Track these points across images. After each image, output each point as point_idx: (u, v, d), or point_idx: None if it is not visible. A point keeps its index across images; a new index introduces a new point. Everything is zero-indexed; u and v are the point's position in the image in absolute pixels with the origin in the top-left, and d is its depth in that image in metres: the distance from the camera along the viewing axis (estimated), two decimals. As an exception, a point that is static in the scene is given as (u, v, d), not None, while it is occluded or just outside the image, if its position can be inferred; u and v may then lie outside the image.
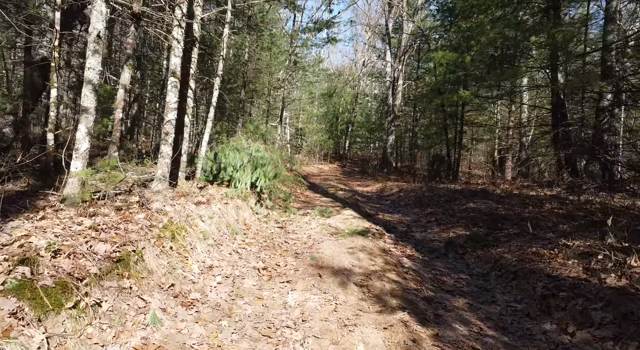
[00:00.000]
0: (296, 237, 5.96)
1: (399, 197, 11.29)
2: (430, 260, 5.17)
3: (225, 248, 4.67)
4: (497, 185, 12.77)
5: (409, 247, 5.76)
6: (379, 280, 3.97)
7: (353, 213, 8.13)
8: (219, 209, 5.48)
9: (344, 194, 11.80)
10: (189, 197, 5.49)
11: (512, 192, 10.15)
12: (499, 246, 5.14)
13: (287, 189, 11.16)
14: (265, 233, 5.97)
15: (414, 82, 24.93)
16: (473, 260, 5.03)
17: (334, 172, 22.25)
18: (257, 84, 16.78)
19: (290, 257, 4.82)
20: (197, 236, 4.37)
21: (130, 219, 3.79)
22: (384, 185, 14.43)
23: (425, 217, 8.12)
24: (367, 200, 11.13)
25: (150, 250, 3.38)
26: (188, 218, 4.50)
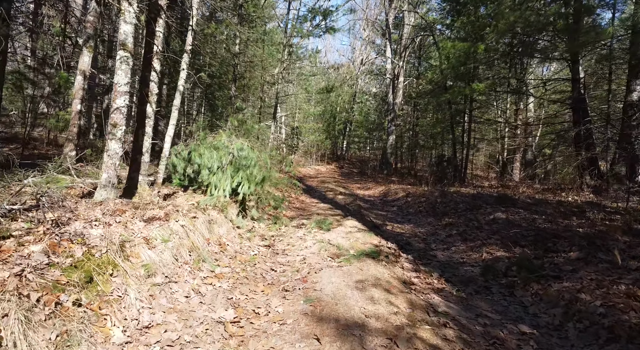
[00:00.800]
0: (286, 261, 4.49)
1: (407, 202, 9.84)
2: (469, 297, 3.72)
3: (181, 287, 3.19)
4: (513, 189, 11.36)
5: (435, 274, 4.31)
6: (410, 348, 2.52)
7: (357, 224, 6.68)
8: (183, 226, 4.00)
9: (344, 199, 10.35)
10: (141, 210, 4.01)
11: (535, 197, 8.73)
12: (563, 278, 3.70)
13: (280, 194, 9.69)
14: (246, 256, 4.50)
15: (415, 80, 23.54)
16: (530, 300, 3.58)
17: (332, 174, 20.79)
18: (250, 78, 15.31)
19: (276, 297, 3.36)
20: (136, 274, 2.90)
21: (9, 255, 2.31)
22: (387, 188, 12.99)
23: (444, 229, 6.67)
24: (371, 206, 9.68)
25: (21, 317, 1.90)
26: (124, 246, 3.02)
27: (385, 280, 3.78)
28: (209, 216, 4.78)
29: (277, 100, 13.19)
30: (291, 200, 9.64)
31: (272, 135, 13.35)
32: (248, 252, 4.63)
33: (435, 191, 10.27)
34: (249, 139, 8.12)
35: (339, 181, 16.04)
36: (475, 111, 15.40)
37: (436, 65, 17.78)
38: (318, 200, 10.11)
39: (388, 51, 21.79)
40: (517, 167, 17.99)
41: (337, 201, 9.80)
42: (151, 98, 5.08)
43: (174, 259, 3.49)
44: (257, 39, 14.68)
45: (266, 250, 4.88)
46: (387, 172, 21.51)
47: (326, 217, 7.25)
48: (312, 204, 9.49)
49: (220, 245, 4.48)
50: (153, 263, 3.15)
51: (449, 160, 15.46)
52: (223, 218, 5.11)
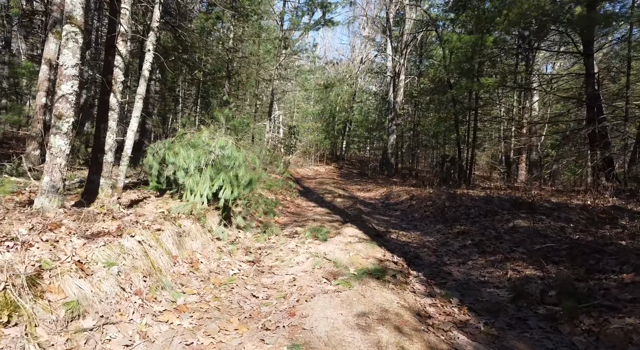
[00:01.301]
0: (272, 283, 3.65)
1: (411, 206, 9.00)
2: (502, 335, 2.87)
3: (121, 331, 2.35)
4: (524, 192, 10.53)
5: (454, 300, 3.47)
6: None
7: (357, 231, 5.84)
8: (140, 242, 3.16)
9: (344, 202, 9.51)
10: (87, 222, 3.17)
11: (551, 201, 7.90)
12: (623, 311, 2.86)
13: (274, 197, 8.85)
14: (222, 276, 3.66)
15: (417, 78, 22.73)
16: (584, 341, 2.73)
17: (331, 175, 19.96)
18: (245, 75, 14.48)
19: (253, 340, 2.52)
20: (50, 318, 2.06)
21: None
22: (388, 190, 12.15)
23: (456, 238, 5.82)
24: (372, 210, 8.84)
25: None
26: (40, 277, 2.18)
27: (395, 312, 2.94)
28: (180, 227, 3.94)
29: (272, 98, 12.38)
30: (286, 204, 8.80)
31: (268, 134, 12.52)
32: (226, 272, 3.78)
33: (441, 194, 9.43)
34: (239, 137, 7.30)
35: (338, 182, 15.21)
36: (480, 110, 14.58)
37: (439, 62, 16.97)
38: (315, 203, 9.27)
39: (389, 48, 20.97)
40: (523, 168, 17.16)
41: (335, 205, 8.96)
42: (115, 87, 4.24)
43: (120, 288, 2.64)
44: (252, 34, 13.86)
45: (249, 268, 4.04)
46: (388, 173, 20.68)
47: (323, 224, 6.42)
48: (308, 207, 8.65)
49: (192, 263, 3.64)
50: (84, 298, 2.31)
51: (453, 161, 14.63)
52: (199, 229, 4.27)
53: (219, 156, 4.92)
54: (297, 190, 11.41)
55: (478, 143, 17.67)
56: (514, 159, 16.43)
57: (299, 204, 9.26)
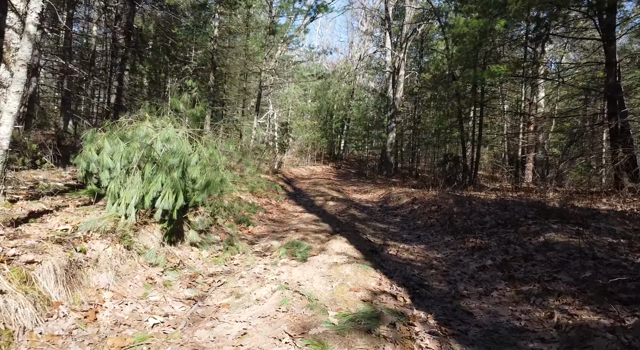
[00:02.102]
0: (210, 340, 2.39)
1: (413, 211, 7.73)
2: None
3: None
4: (539, 194, 9.27)
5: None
6: None
7: (347, 247, 4.59)
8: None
9: (336, 207, 8.25)
10: None
11: (576, 205, 6.63)
12: None
13: (256, 201, 7.61)
14: (134, 330, 2.40)
15: (417, 73, 21.47)
16: None
17: (327, 175, 18.70)
18: (232, 67, 13.21)
19: None
20: None
21: None
22: (387, 192, 10.88)
23: (471, 255, 4.56)
24: (368, 216, 7.58)
25: None
26: None
27: None
28: (84, 253, 2.68)
29: (260, 91, 11.13)
30: (269, 209, 7.54)
31: (255, 131, 11.27)
32: (143, 321, 2.52)
33: (447, 197, 8.16)
34: (203, 132, 6.06)
35: (333, 183, 13.95)
36: (486, 104, 13.30)
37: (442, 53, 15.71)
38: (303, 208, 8.01)
39: (387, 42, 19.70)
40: (530, 168, 15.88)
41: (326, 210, 7.70)
42: (8, 55, 2.97)
43: None
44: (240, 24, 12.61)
45: (184, 311, 2.78)
46: (387, 173, 19.43)
47: (306, 236, 5.16)
48: (294, 213, 7.40)
49: (86, 312, 2.38)
50: None
51: (457, 160, 13.36)
52: (121, 252, 3.01)
53: (162, 152, 3.66)
54: (285, 193, 10.16)
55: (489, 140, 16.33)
56: (521, 158, 15.14)
57: (285, 208, 8.00)
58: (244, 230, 5.46)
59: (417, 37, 21.12)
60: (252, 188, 8.21)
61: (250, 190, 8.19)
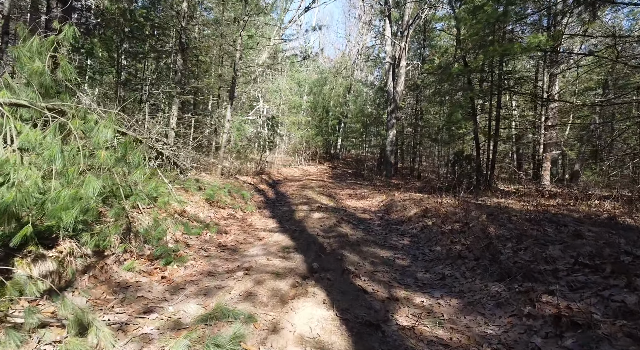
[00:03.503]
0: None
1: (426, 228, 5.45)
2: None
3: None
4: (583, 201, 7.01)
5: None
6: None
7: (323, 317, 2.34)
8: None
9: (322, 220, 5.98)
10: None
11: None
12: None
13: (214, 214, 5.37)
14: None
15: (420, 64, 19.19)
16: None
17: (321, 176, 16.43)
18: (204, 50, 10.93)
19: None
20: None
21: None
22: (388, 197, 8.62)
23: (558, 337, 2.30)
24: (364, 235, 5.31)
25: None
26: None
27: None
28: None
29: (235, 75, 8.86)
30: (227, 226, 5.28)
31: (229, 124, 8.99)
32: None
33: (469, 206, 5.90)
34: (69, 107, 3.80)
35: (326, 186, 11.68)
36: (511, 89, 11.05)
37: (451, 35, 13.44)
38: (277, 223, 5.75)
39: (387, 30, 17.43)
40: (548, 168, 13.60)
41: (307, 226, 5.43)
42: None
43: None
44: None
45: None
46: (387, 174, 17.17)
47: (258, 286, 2.92)
48: (260, 233, 5.13)
49: None
50: None
51: (469, 158, 11.09)
52: None
53: None
54: (261, 200, 7.91)
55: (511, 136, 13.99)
56: (541, 157, 12.85)
57: (252, 224, 5.74)
58: (157, 273, 3.21)
59: (420, 24, 18.85)
60: (209, 196, 5.95)
61: (207, 199, 5.93)
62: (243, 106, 17.07)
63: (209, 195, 5.93)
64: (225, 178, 9.15)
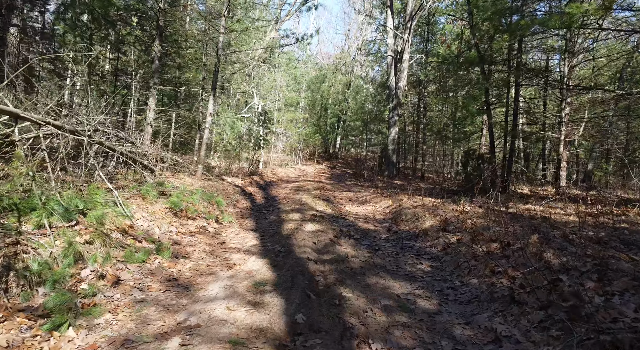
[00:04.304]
0: None
1: (449, 248, 4.14)
2: None
3: None
4: (624, 208, 5.72)
5: None
6: None
7: None
8: None
9: (316, 235, 4.65)
10: None
11: None
12: None
13: (178, 228, 4.04)
14: None
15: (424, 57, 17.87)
16: None
17: (318, 176, 15.12)
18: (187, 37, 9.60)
19: None
20: None
21: None
22: (395, 203, 7.31)
23: None
24: (371, 256, 4.00)
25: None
26: None
27: None
28: None
29: (218, 61, 7.52)
30: (189, 246, 3.96)
31: (210, 118, 7.67)
32: None
33: (499, 216, 4.61)
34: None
35: (323, 188, 10.37)
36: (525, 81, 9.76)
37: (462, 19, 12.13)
38: (258, 240, 4.44)
39: (389, 21, 16.12)
40: (564, 168, 12.32)
41: (295, 245, 4.11)
42: None
43: None
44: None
45: None
46: (389, 174, 15.87)
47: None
48: (232, 253, 3.82)
49: None
50: None
51: (482, 158, 9.77)
52: None
53: None
54: (245, 207, 6.62)
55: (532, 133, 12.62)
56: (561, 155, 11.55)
57: (226, 239, 4.43)
58: (33, 346, 1.90)
59: (424, 16, 17.55)
60: (174, 204, 4.64)
61: (171, 208, 4.62)
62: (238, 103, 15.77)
63: (174, 204, 4.62)
64: (206, 180, 7.85)
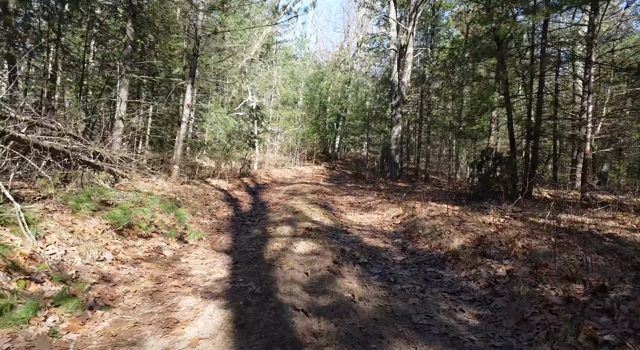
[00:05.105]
0: None
1: (499, 285, 2.88)
2: None
3: None
4: None
5: None
6: None
7: None
8: None
9: (310, 258, 3.38)
10: None
11: None
12: None
13: (124, 254, 2.77)
14: None
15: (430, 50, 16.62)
16: None
17: (316, 178, 13.85)
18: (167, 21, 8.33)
19: None
20: None
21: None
22: (407, 212, 6.04)
23: None
24: (386, 298, 2.74)
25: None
26: None
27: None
28: None
29: (197, 42, 6.23)
30: (120, 285, 2.67)
31: (188, 110, 6.40)
32: None
33: (550, 230, 3.37)
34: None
35: (321, 191, 9.11)
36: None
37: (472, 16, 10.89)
38: (229, 269, 3.15)
39: (392, 12, 14.87)
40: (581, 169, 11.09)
41: (279, 279, 2.84)
42: None
43: None
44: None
45: None
46: (391, 175, 14.61)
47: None
48: (184, 298, 2.53)
49: None
50: None
51: (500, 158, 8.49)
52: None
53: None
54: (227, 216, 5.35)
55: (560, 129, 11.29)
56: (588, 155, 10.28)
57: (185, 269, 3.14)
58: None
59: (427, 10, 16.33)
60: (117, 220, 3.36)
61: (114, 224, 3.35)
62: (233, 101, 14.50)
63: (116, 218, 3.34)
64: (184, 183, 6.57)
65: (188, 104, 6.44)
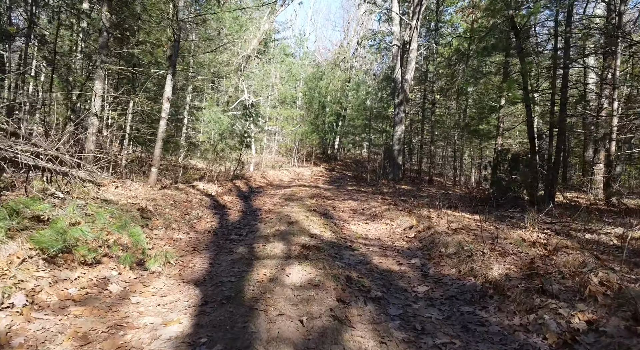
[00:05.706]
0: None
1: (575, 342, 2.00)
2: None
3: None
4: None
5: None
6: None
7: None
8: None
9: (305, 293, 2.46)
10: None
11: None
12: None
13: (27, 288, 1.74)
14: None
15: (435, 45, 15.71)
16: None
17: (315, 180, 12.95)
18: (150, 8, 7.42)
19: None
20: None
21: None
22: (422, 223, 5.13)
23: None
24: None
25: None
26: None
27: None
28: None
29: (178, 26, 5.35)
30: (27, 349, 1.72)
31: (167, 104, 5.50)
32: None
33: (609, 251, 2.49)
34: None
35: (320, 196, 8.20)
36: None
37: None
38: (189, 318, 2.22)
39: (395, 6, 14.00)
40: (601, 171, 10.22)
41: (256, 338, 1.95)
42: None
43: None
44: None
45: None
46: (394, 177, 13.73)
47: None
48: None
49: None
50: None
51: (519, 160, 7.56)
52: None
53: None
54: (201, 229, 4.43)
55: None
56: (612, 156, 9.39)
57: (124, 318, 2.21)
58: None
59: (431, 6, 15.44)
60: (45, 244, 2.45)
61: (42, 249, 2.45)
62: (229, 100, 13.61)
63: (44, 242, 2.43)
64: (163, 188, 5.66)
65: (168, 97, 5.53)
